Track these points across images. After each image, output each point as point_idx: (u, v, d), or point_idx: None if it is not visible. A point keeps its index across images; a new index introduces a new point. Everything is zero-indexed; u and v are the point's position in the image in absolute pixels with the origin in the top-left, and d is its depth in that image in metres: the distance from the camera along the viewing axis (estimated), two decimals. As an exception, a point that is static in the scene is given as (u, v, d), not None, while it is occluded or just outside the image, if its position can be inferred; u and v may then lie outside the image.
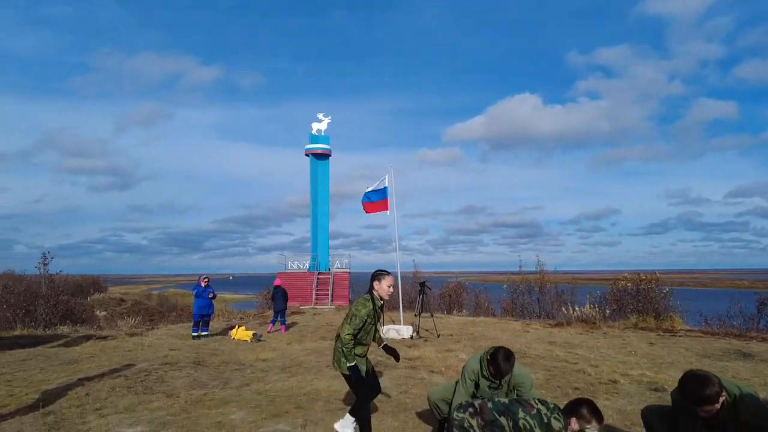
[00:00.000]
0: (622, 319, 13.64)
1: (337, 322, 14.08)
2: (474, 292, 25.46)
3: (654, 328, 11.93)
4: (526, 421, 3.22)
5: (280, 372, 7.59)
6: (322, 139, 25.62)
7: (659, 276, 15.28)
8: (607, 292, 16.01)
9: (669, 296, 14.56)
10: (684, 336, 10.74)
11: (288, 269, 24.98)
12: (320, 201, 25.45)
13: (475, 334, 11.20)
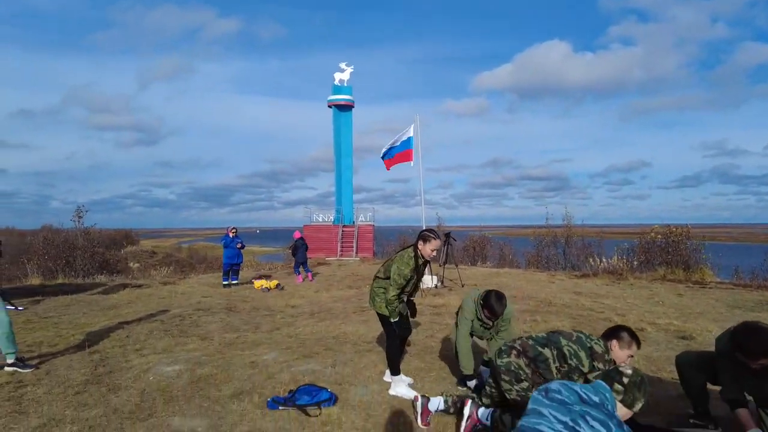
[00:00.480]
0: (650, 272, 13.47)
1: (362, 273, 14.33)
2: (498, 244, 25.44)
3: (683, 280, 11.76)
4: (570, 347, 3.26)
5: (309, 317, 7.81)
6: (345, 90, 25.21)
7: (690, 229, 14.89)
8: (636, 245, 15.75)
9: (700, 249, 14.24)
10: (714, 288, 10.56)
11: (313, 222, 25.29)
12: (344, 154, 25.35)
13: (500, 284, 11.24)
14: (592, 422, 1.94)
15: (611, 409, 2.05)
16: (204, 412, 3.75)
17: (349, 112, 25.51)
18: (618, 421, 2.00)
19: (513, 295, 9.48)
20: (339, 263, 19.66)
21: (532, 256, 21.06)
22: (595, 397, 2.08)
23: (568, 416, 1.99)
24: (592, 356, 3.24)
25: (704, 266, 13.44)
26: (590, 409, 2.01)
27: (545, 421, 2.01)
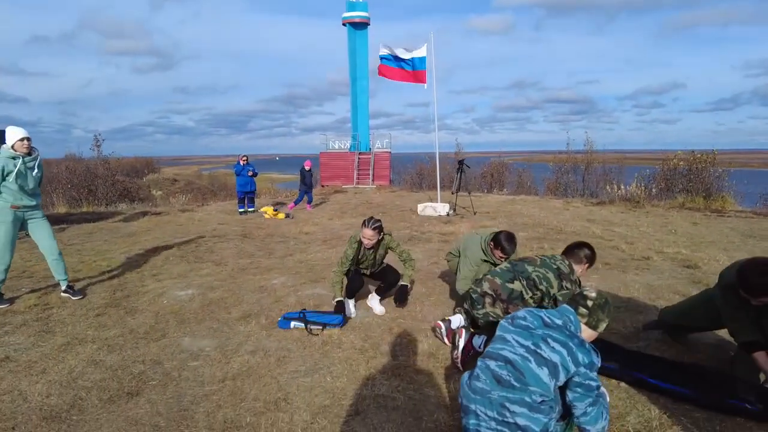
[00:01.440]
0: (669, 199, 13.23)
1: (377, 201, 14.45)
2: (517, 171, 25.13)
3: (702, 209, 11.55)
4: (538, 272, 3.36)
5: (321, 244, 8.01)
6: (360, 6, 24.00)
7: (716, 155, 14.37)
8: (657, 172, 15.36)
9: (723, 176, 13.82)
10: (733, 216, 10.37)
11: (330, 149, 25.18)
12: (359, 76, 24.62)
13: (513, 212, 11.25)
14: (552, 344, 2.04)
15: (574, 330, 2.14)
16: (213, 333, 3.99)
17: (365, 30, 24.43)
18: (579, 340, 2.08)
19: (524, 223, 9.52)
20: (355, 191, 19.80)
21: (551, 183, 20.82)
22: (558, 320, 2.17)
23: (530, 340, 2.09)
24: (560, 276, 3.36)
25: (726, 194, 13.12)
26: (552, 332, 2.10)
27: (508, 346, 2.11)
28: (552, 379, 2.01)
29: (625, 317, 4.25)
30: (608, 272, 5.77)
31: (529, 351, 2.07)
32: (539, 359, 2.04)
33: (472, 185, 21.46)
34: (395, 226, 9.46)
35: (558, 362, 2.02)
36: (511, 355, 2.09)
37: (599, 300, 2.25)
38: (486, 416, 2.06)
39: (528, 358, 2.05)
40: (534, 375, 2.02)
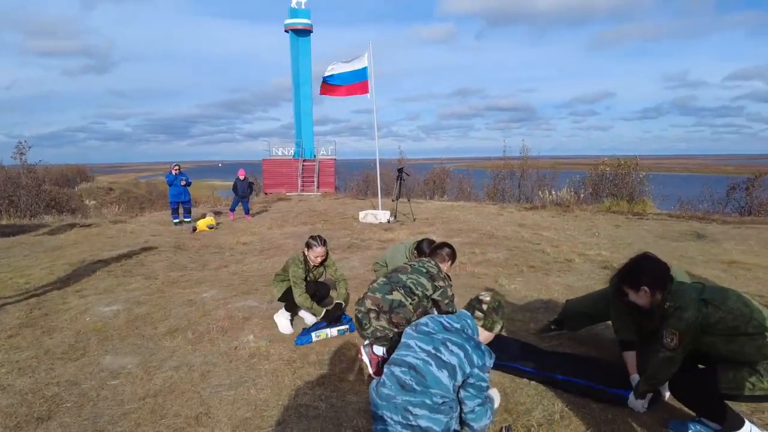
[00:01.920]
0: (597, 203, 14.06)
1: (320, 209, 14.43)
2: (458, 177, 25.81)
3: (625, 212, 12.36)
4: (411, 279, 3.52)
5: (258, 254, 7.94)
6: (303, 13, 23.95)
7: (638, 161, 15.44)
8: (586, 177, 16.30)
9: (644, 181, 14.86)
10: (651, 219, 11.18)
11: (273, 156, 24.86)
12: (302, 82, 24.51)
13: (450, 218, 11.59)
14: (451, 347, 2.19)
15: (471, 333, 2.30)
16: (136, 349, 3.90)
17: (308, 37, 24.39)
18: (476, 342, 2.25)
19: (459, 228, 9.83)
20: (299, 198, 19.66)
21: (490, 189, 21.55)
22: (456, 324, 2.33)
23: (431, 345, 2.24)
24: (431, 278, 3.58)
25: (647, 198, 14.11)
26: (451, 335, 2.26)
27: (411, 351, 2.25)
28: (451, 380, 2.15)
29: (544, 317, 4.52)
30: (532, 275, 6.09)
31: (430, 355, 2.21)
32: (439, 362, 2.18)
33: (416, 192, 21.85)
34: (336, 234, 9.52)
35: (456, 364, 2.17)
36: (414, 360, 2.22)
37: (493, 303, 2.44)
38: (392, 421, 2.17)
39: (429, 362, 2.19)
40: (435, 377, 2.15)
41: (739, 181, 15.16)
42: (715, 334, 2.37)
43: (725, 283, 5.61)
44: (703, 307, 2.37)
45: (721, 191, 15.55)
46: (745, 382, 2.31)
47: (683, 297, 2.47)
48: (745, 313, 2.33)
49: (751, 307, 2.35)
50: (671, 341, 2.44)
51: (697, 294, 2.45)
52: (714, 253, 7.28)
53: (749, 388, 2.30)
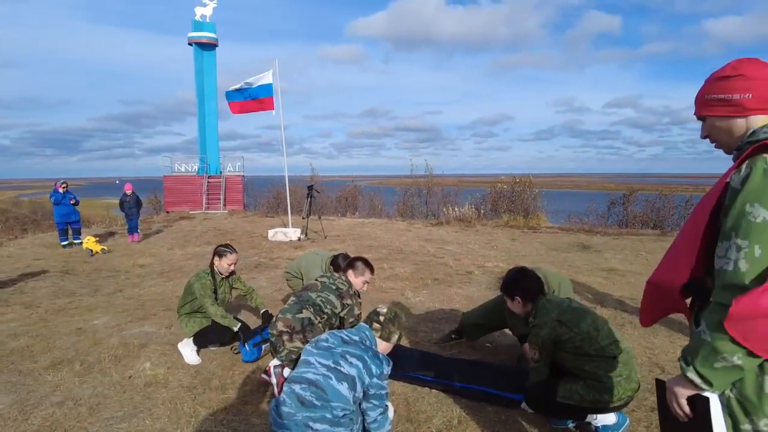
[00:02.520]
0: (496, 219, 15.01)
1: (226, 227, 13.93)
2: (369, 195, 26.23)
3: (521, 226, 13.33)
4: (321, 297, 3.56)
5: (157, 277, 7.50)
6: (208, 27, 23.23)
7: (532, 179, 16.76)
8: (486, 194, 17.36)
9: (538, 197, 16.15)
10: (544, 232, 12.15)
11: (175, 172, 23.58)
12: (207, 97, 23.65)
13: (361, 234, 11.75)
14: (350, 359, 2.28)
15: (369, 344, 2.40)
16: (11, 387, 3.52)
17: (213, 51, 23.66)
18: (373, 352, 2.35)
19: (369, 245, 10.01)
20: (204, 216, 18.80)
21: (400, 206, 22.14)
22: (355, 337, 2.42)
23: (330, 359, 2.31)
24: (341, 296, 3.61)
25: (540, 213, 15.33)
26: (350, 348, 2.35)
27: (311, 368, 2.30)
28: (351, 391, 2.22)
29: (446, 327, 4.75)
30: (436, 286, 6.38)
31: (329, 369, 2.27)
32: (339, 375, 2.24)
33: (328, 209, 21.84)
34: (243, 254, 9.24)
35: (356, 375, 2.25)
36: (314, 376, 2.26)
37: (389, 314, 2.56)
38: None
39: (329, 376, 2.24)
40: (335, 391, 2.21)
41: (617, 197, 16.96)
42: (565, 350, 2.69)
43: (605, 289, 6.28)
44: (558, 327, 2.68)
45: (604, 206, 17.29)
46: (575, 394, 2.67)
47: (544, 315, 2.76)
48: (592, 336, 2.65)
49: (601, 332, 2.69)
50: (534, 354, 2.76)
51: (557, 314, 2.74)
52: (596, 262, 8.09)
53: (578, 399, 2.66)
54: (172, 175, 23.19)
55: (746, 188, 1.31)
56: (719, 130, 1.52)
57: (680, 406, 1.45)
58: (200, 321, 4.12)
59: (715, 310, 1.34)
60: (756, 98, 1.42)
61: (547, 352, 2.71)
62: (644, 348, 4.20)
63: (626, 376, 2.65)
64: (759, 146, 1.35)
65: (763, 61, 1.45)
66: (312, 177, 24.81)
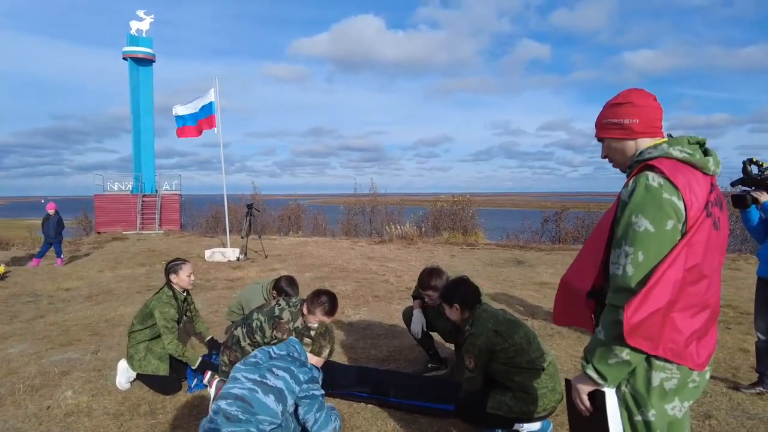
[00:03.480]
0: (437, 236, 15.35)
1: (161, 248, 13.39)
2: (313, 213, 26.06)
3: (460, 243, 13.71)
4: (258, 320, 3.30)
5: (84, 301, 7.09)
6: (144, 41, 22.54)
7: (470, 198, 17.33)
8: (428, 212, 17.76)
9: (476, 215, 16.70)
10: (481, 249, 12.56)
11: (108, 191, 22.45)
12: (143, 114, 22.83)
13: (303, 253, 11.65)
14: (277, 371, 2.30)
15: (297, 355, 2.43)
16: None
17: (149, 66, 22.96)
18: (301, 362, 2.38)
19: (312, 263, 9.96)
20: (138, 237, 17.95)
21: (344, 224, 22.14)
22: (282, 351, 2.45)
23: (257, 373, 2.32)
24: (274, 325, 3.25)
25: (478, 230, 15.84)
26: (276, 362, 2.37)
27: (238, 383, 2.30)
28: (279, 404, 2.22)
29: (383, 344, 4.81)
30: (376, 303, 6.45)
31: (256, 383, 2.27)
32: (266, 388, 2.25)
33: (271, 228, 21.47)
34: (178, 275, 8.92)
35: (283, 387, 2.26)
36: (240, 390, 2.26)
37: (320, 329, 2.61)
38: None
39: (255, 390, 2.24)
40: (261, 404, 2.21)
41: (550, 215, 17.83)
42: (498, 360, 2.82)
43: (536, 302, 6.58)
44: (494, 337, 2.80)
45: (538, 223, 18.10)
46: (504, 405, 2.80)
47: (480, 325, 2.87)
48: (525, 348, 2.81)
49: (532, 345, 2.85)
50: (469, 363, 2.85)
51: (493, 324, 2.86)
52: (529, 277, 8.46)
53: (506, 410, 2.79)
54: (104, 194, 22.08)
55: (632, 201, 1.48)
56: (615, 151, 1.71)
57: (582, 402, 1.58)
58: (157, 364, 3.72)
59: (609, 311, 1.49)
60: (642, 123, 1.62)
61: (482, 362, 2.81)
62: (570, 356, 4.45)
63: (551, 388, 2.80)
64: (643, 165, 1.53)
65: (647, 92, 1.66)
66: (253, 195, 24.35)
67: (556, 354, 4.46)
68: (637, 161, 1.60)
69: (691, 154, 1.52)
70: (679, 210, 1.43)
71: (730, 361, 4.28)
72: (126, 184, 22.90)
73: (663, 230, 1.42)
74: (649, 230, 1.43)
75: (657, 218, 1.42)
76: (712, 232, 1.50)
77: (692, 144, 1.56)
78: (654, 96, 1.63)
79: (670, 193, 1.43)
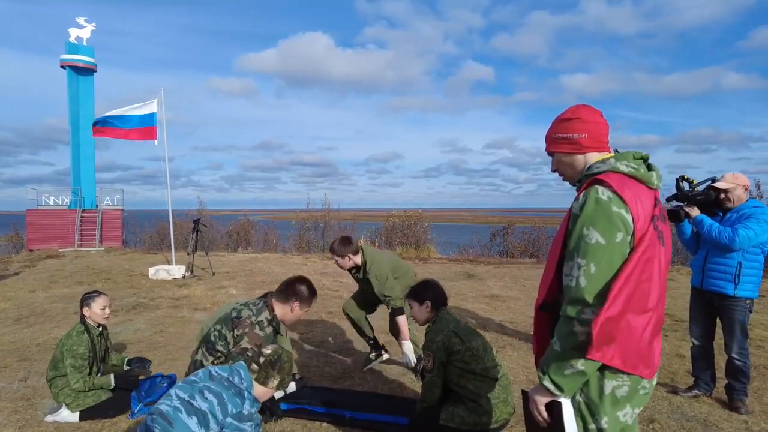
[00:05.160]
0: (390, 251, 15.41)
1: (101, 266, 12.69)
2: (263, 229, 25.53)
3: (413, 258, 13.82)
4: (216, 332, 3.03)
5: (12, 324, 6.57)
6: (84, 50, 21.54)
7: (422, 213, 17.58)
8: (381, 227, 17.83)
9: (428, 230, 16.94)
10: (434, 263, 12.70)
11: (42, 206, 21.10)
12: (83, 126, 21.68)
13: (254, 270, 11.35)
14: (206, 394, 2.20)
15: (238, 381, 2.32)
16: None
17: (90, 76, 21.94)
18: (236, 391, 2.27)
19: (262, 281, 9.71)
20: (76, 254, 16.92)
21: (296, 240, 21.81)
22: (224, 373, 2.35)
23: (188, 392, 2.22)
24: (234, 326, 2.95)
25: (430, 245, 16.04)
26: (212, 384, 2.27)
27: (168, 399, 2.21)
28: (201, 427, 2.11)
29: (337, 361, 4.74)
30: (330, 319, 6.35)
31: (182, 402, 2.17)
32: (190, 409, 2.14)
33: (218, 245, 20.84)
34: (120, 293, 8.46)
35: (207, 410, 2.14)
36: (166, 407, 2.15)
37: (272, 357, 2.39)
38: None
39: (179, 408, 2.13)
40: (182, 424, 2.10)
41: (498, 229, 18.31)
42: (453, 364, 2.83)
43: (487, 314, 6.70)
44: (453, 336, 2.84)
45: (487, 238, 18.55)
46: (457, 417, 2.81)
47: (442, 324, 2.93)
48: (480, 355, 2.85)
49: (488, 354, 2.90)
50: (428, 363, 2.86)
51: (454, 326, 2.92)
52: (480, 289, 8.62)
53: (458, 422, 2.80)
54: (38, 209, 20.75)
55: (583, 214, 1.52)
56: (564, 165, 1.77)
57: (539, 412, 1.61)
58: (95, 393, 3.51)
59: (563, 323, 1.53)
60: (590, 138, 1.68)
61: (439, 361, 2.81)
62: (522, 368, 4.54)
63: (503, 399, 2.84)
64: (593, 179, 1.59)
65: (595, 108, 1.73)
66: (200, 211, 23.60)
67: (509, 366, 4.55)
68: (587, 175, 1.66)
69: (636, 169, 1.60)
70: (627, 223, 1.49)
71: (668, 366, 4.50)
72: (63, 199, 21.63)
73: (613, 242, 1.47)
74: (600, 242, 1.47)
75: (607, 230, 1.47)
76: (658, 246, 1.57)
77: (637, 159, 1.63)
78: (600, 112, 1.71)
79: (618, 207, 1.49)
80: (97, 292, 3.76)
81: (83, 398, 3.47)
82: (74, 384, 3.42)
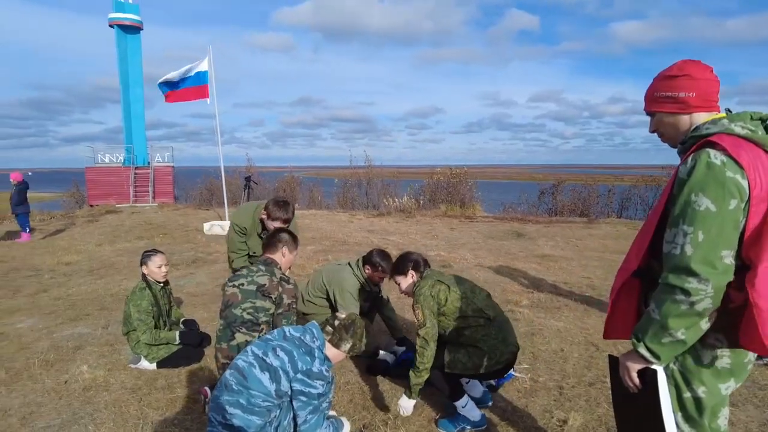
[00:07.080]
0: (434, 209, 15.35)
1: (157, 221, 13.27)
2: (308, 185, 25.89)
3: (458, 216, 13.73)
4: (248, 310, 2.94)
5: (87, 275, 7.05)
6: (131, 8, 21.77)
7: (467, 170, 17.26)
8: (424, 185, 17.69)
9: (473, 188, 16.67)
10: (480, 222, 12.59)
11: (98, 164, 22.08)
12: (132, 83, 22.26)
13: (302, 226, 11.53)
14: (279, 352, 2.29)
15: (309, 340, 2.39)
16: (-74, 400, 3.19)
17: (137, 34, 22.25)
18: (307, 349, 2.34)
19: (312, 237, 9.92)
20: (132, 210, 17.77)
21: (340, 197, 22.02)
22: (297, 333, 2.43)
23: (262, 349, 2.33)
24: (263, 293, 2.95)
25: (476, 203, 15.84)
26: (284, 342, 2.36)
27: (244, 355, 2.34)
28: (273, 383, 2.21)
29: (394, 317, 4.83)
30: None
31: (257, 358, 2.28)
32: (263, 364, 2.25)
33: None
34: (178, 248, 8.87)
35: (278, 366, 2.24)
36: (242, 362, 2.29)
37: (346, 321, 2.45)
38: (215, 420, 2.23)
39: (253, 364, 2.25)
40: (256, 379, 2.21)
41: (546, 187, 17.83)
42: (445, 314, 2.79)
43: (540, 275, 6.63)
44: (437, 284, 2.82)
45: (534, 196, 18.12)
46: (458, 363, 2.78)
47: (427, 279, 2.89)
48: (468, 297, 2.81)
49: (476, 295, 2.86)
50: (418, 315, 2.79)
51: (437, 276, 2.91)
52: (531, 249, 8.51)
53: (461, 368, 2.78)
54: (95, 167, 21.72)
55: (692, 179, 1.43)
56: (666, 125, 1.65)
57: (631, 379, 1.58)
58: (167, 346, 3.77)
59: (664, 291, 1.46)
60: (698, 97, 1.56)
61: (428, 308, 2.76)
62: (580, 329, 4.50)
63: (502, 339, 2.77)
64: (703, 141, 1.48)
65: (705, 64, 1.59)
66: (248, 167, 24.09)
67: (565, 326, 4.53)
68: (693, 137, 1.55)
69: (753, 131, 1.47)
70: (743, 189, 1.38)
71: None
72: (117, 156, 22.52)
73: (725, 210, 1.38)
74: (710, 209, 1.39)
75: (719, 197, 1.38)
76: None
77: (755, 120, 1.50)
78: (711, 68, 1.57)
79: (733, 172, 1.38)
80: (154, 250, 3.96)
81: (156, 351, 3.72)
82: (142, 336, 3.68)
